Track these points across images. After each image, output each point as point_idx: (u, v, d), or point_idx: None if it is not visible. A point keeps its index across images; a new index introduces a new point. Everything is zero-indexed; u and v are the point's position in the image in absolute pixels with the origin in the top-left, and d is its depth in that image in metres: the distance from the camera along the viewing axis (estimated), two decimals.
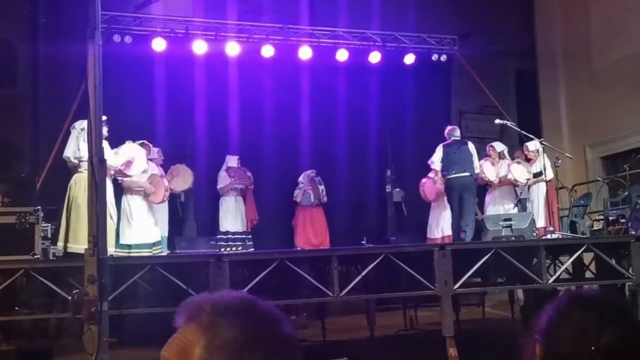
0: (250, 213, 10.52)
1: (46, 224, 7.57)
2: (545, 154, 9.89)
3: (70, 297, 5.06)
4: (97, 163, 5.07)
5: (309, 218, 10.95)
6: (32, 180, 8.98)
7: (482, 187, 10.34)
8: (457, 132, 9.99)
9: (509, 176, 9.93)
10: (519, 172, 9.93)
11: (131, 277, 5.73)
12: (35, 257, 6.20)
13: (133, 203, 8.77)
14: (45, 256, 7.00)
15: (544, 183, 9.82)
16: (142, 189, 8.74)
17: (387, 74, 12.09)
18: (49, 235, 7.75)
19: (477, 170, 9.65)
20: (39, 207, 6.53)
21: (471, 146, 9.81)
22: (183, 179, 9.46)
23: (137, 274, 5.78)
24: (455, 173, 9.49)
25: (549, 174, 9.81)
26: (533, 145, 10.11)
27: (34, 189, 8.75)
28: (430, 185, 10.63)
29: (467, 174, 9.47)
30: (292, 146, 11.44)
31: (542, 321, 1.39)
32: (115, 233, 8.26)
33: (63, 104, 9.36)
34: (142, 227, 8.76)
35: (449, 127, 10.06)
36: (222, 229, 10.30)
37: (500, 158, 10.26)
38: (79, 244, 7.03)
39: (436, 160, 9.73)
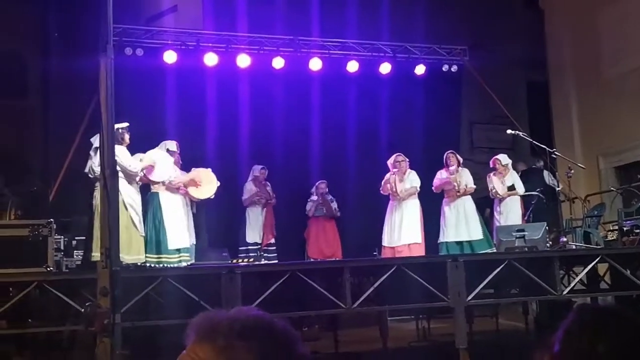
0: (268, 228, 10.51)
1: (59, 236, 7.60)
2: (512, 170, 10.14)
3: (82, 310, 5.06)
4: (109, 175, 5.06)
5: (321, 229, 10.91)
6: (45, 192, 9.01)
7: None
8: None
9: (490, 186, 10.02)
10: (498, 184, 10.01)
11: (144, 289, 5.74)
12: (48, 269, 6.21)
13: (173, 204, 8.49)
14: (58, 268, 7.02)
15: (518, 197, 10.03)
16: (179, 187, 8.59)
17: (398, 85, 12.07)
18: (62, 248, 7.78)
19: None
20: (51, 220, 6.54)
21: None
22: (201, 191, 9.20)
23: (150, 286, 5.79)
24: None
25: (520, 189, 10.00)
26: (504, 159, 10.18)
27: (47, 202, 8.78)
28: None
29: None
30: (302, 157, 11.44)
31: (555, 340, 1.38)
32: (157, 239, 8.12)
33: (75, 117, 9.39)
34: (184, 229, 8.46)
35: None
36: (250, 239, 10.33)
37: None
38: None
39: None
